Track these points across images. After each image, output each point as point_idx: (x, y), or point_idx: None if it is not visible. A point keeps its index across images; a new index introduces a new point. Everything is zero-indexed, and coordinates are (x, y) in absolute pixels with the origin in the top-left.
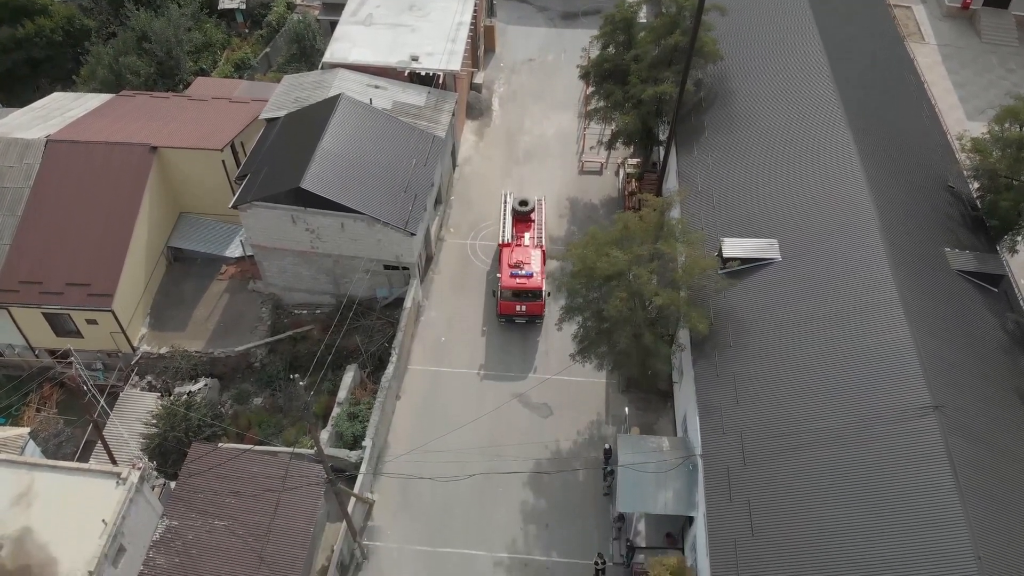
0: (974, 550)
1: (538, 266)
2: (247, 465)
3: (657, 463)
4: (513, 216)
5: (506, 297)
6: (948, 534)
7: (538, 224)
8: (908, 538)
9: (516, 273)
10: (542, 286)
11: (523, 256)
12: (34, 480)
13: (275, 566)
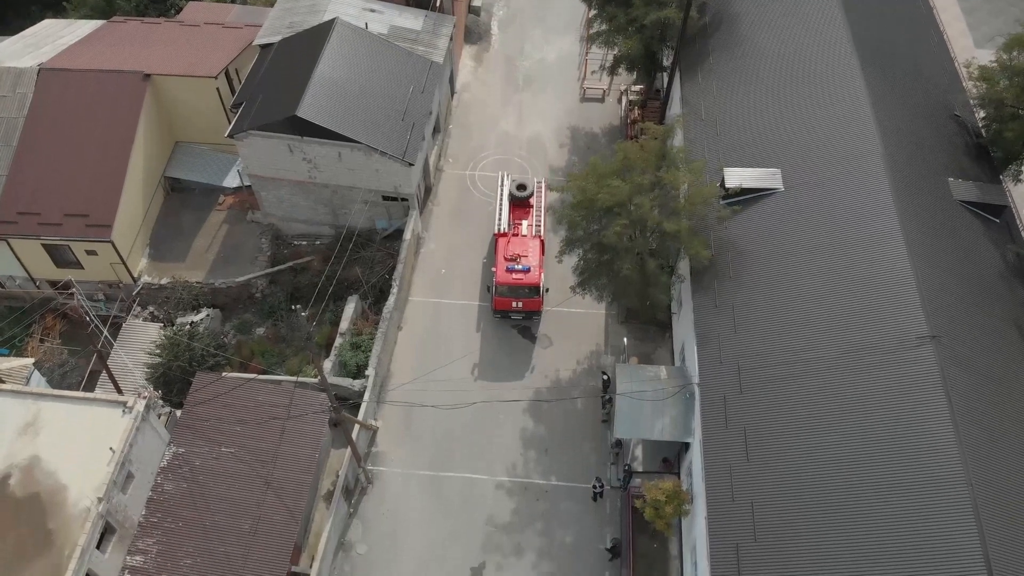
0: (966, 477)
1: (536, 259)
2: (252, 394)
3: (655, 391)
4: (510, 202)
5: (501, 293)
6: (941, 461)
7: (537, 210)
8: (901, 465)
9: (512, 268)
10: (540, 282)
11: (520, 248)
12: (40, 410)
13: (282, 491)
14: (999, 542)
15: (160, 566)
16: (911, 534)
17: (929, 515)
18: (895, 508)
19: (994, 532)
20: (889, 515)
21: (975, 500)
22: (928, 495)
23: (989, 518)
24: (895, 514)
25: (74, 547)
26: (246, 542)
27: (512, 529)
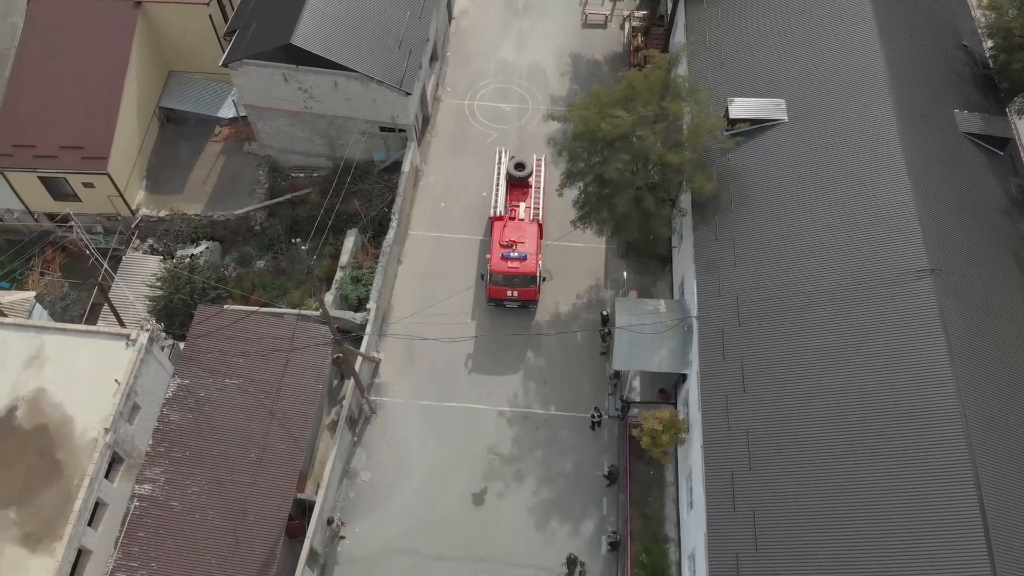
0: (960, 408)
1: (533, 246)
2: (254, 326)
3: (653, 324)
4: (507, 182)
5: (496, 282)
6: (936, 393)
7: (536, 190)
8: (896, 396)
9: (508, 255)
10: (536, 270)
11: (517, 234)
12: (44, 343)
13: (287, 421)
14: (990, 470)
15: (169, 494)
16: (904, 461)
17: (923, 445)
18: (889, 437)
19: (985, 461)
20: (883, 443)
21: (968, 431)
22: (922, 425)
23: (981, 447)
24: (889, 442)
25: (83, 476)
26: (252, 470)
27: (512, 457)
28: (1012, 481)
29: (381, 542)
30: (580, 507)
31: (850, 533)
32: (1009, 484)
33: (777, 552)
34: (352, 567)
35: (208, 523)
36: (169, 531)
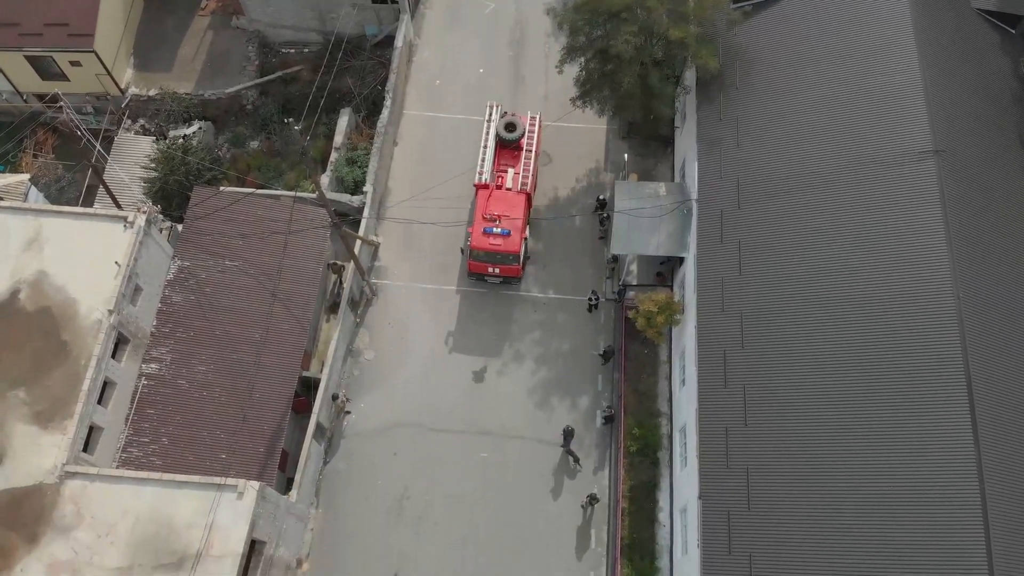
0: (954, 290)
1: (518, 221)
2: (251, 209)
3: (653, 208)
4: (496, 144)
5: (477, 258)
6: (931, 274)
7: (527, 153)
8: (891, 274)
9: (490, 231)
10: (520, 249)
11: (502, 206)
12: (42, 226)
13: (289, 303)
14: (979, 350)
15: (176, 373)
16: (895, 339)
17: (915, 326)
18: (881, 317)
19: (975, 340)
20: (875, 323)
21: (960, 313)
22: (916, 305)
23: (972, 327)
24: (881, 323)
25: (89, 357)
26: (257, 350)
27: (512, 338)
28: (1001, 361)
29: (385, 417)
30: (576, 384)
31: (837, 404)
32: (999, 362)
33: (765, 425)
34: (357, 441)
35: (216, 400)
36: (178, 408)
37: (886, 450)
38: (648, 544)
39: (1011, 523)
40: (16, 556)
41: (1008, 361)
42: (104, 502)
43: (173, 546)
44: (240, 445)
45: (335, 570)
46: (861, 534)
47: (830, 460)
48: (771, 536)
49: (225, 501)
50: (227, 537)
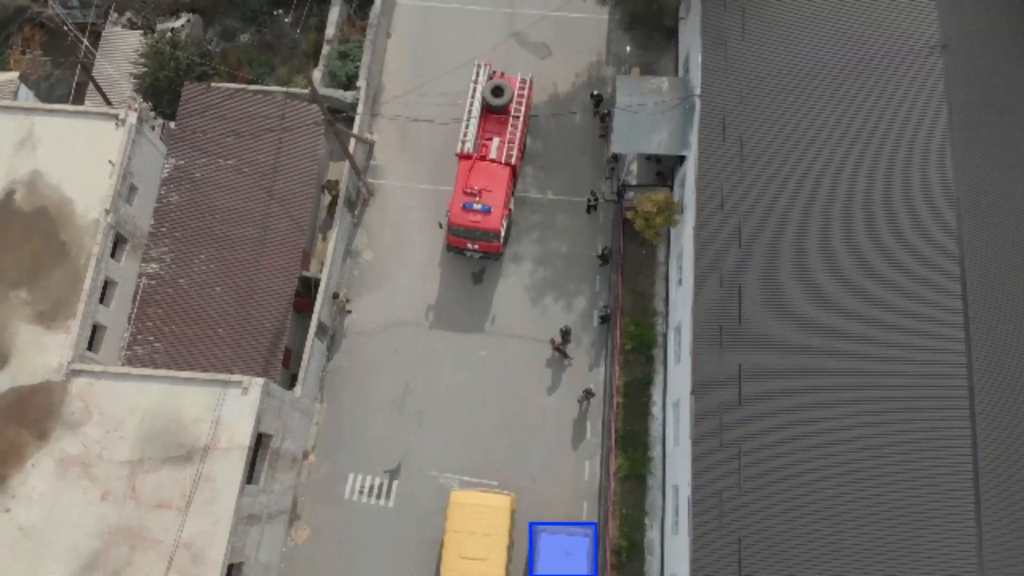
0: (956, 192)
1: (500, 197)
2: (243, 106)
3: (655, 104)
4: (482, 110)
5: (455, 232)
6: (932, 177)
7: (515, 120)
8: (894, 173)
9: (470, 206)
10: (500, 226)
11: (483, 180)
12: (34, 125)
13: (285, 202)
14: (973, 243)
15: (176, 272)
16: (897, 239)
17: (916, 223)
18: (885, 217)
19: (969, 228)
20: (879, 223)
21: (959, 212)
22: (915, 204)
23: (968, 218)
24: (885, 223)
25: (89, 257)
26: (256, 250)
27: (510, 239)
28: (993, 250)
29: (385, 316)
30: (574, 285)
31: (837, 302)
32: (989, 246)
33: (760, 323)
34: (358, 339)
35: (217, 299)
36: (180, 307)
37: (883, 354)
38: (641, 436)
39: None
40: (27, 452)
41: (1006, 260)
42: (111, 399)
43: (181, 440)
44: (243, 343)
45: (340, 461)
46: (853, 430)
47: (826, 359)
48: (760, 431)
49: (231, 397)
50: (234, 431)
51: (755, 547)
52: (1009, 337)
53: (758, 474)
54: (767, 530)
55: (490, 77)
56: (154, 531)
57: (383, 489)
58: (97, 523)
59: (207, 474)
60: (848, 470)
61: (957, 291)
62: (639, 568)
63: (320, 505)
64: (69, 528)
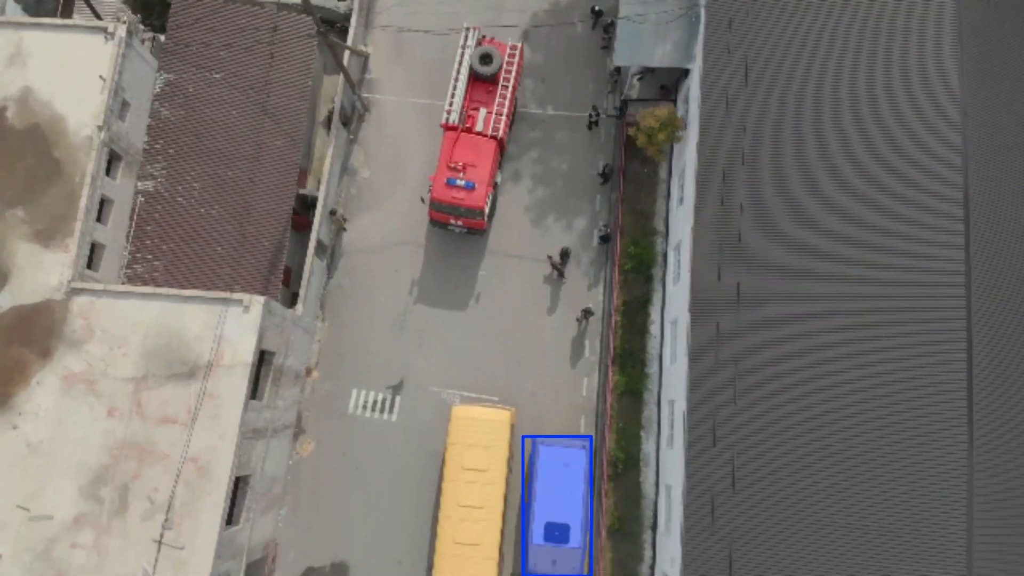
0: (962, 117)
1: (486, 173)
2: (234, 17)
3: (658, 14)
4: (469, 78)
5: (438, 208)
6: (938, 92)
7: (504, 90)
8: (900, 93)
9: (453, 182)
10: (484, 204)
11: (468, 155)
12: (22, 40)
13: (279, 118)
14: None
15: (172, 190)
16: (899, 155)
17: (917, 141)
18: (889, 133)
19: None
20: (883, 140)
21: (965, 134)
22: (920, 120)
23: (974, 135)
24: (888, 139)
25: (84, 174)
26: (251, 167)
27: (509, 157)
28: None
29: (384, 236)
30: (574, 204)
31: (838, 218)
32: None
33: (761, 243)
34: (357, 257)
35: (214, 217)
36: (177, 225)
37: (884, 275)
38: (639, 353)
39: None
40: (31, 370)
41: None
42: (113, 317)
43: (184, 357)
44: (243, 261)
45: (343, 377)
46: (851, 345)
47: (829, 280)
48: (757, 349)
49: (232, 315)
50: (236, 348)
51: (749, 457)
52: (1014, 258)
53: (753, 390)
54: (761, 443)
55: (479, 43)
56: (161, 446)
57: (386, 404)
58: (104, 438)
59: (211, 390)
60: (842, 381)
61: (959, 215)
62: (634, 479)
63: (324, 420)
64: (77, 444)
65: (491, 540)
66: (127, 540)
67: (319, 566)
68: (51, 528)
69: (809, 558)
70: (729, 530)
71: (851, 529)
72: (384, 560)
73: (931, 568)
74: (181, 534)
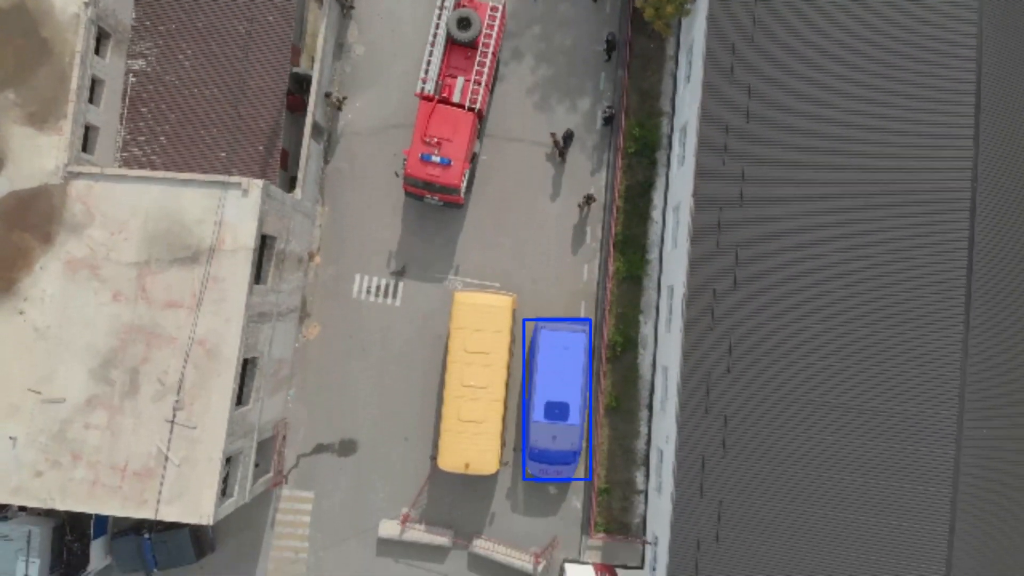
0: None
1: (461, 148)
2: None
3: None
4: (446, 43)
5: (412, 184)
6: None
7: (483, 55)
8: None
9: (428, 158)
10: (460, 181)
11: (444, 128)
12: None
13: None
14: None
15: (163, 69)
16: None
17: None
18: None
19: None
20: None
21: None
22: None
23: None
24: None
25: (73, 53)
26: (244, 44)
27: (510, 34)
28: None
29: (382, 117)
30: (577, 83)
31: (841, 103)
32: None
33: (768, 123)
34: (356, 140)
35: (208, 97)
36: (171, 106)
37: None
38: (640, 239)
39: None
40: (33, 255)
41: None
42: (112, 201)
43: (186, 241)
44: (239, 144)
45: (346, 262)
46: (850, 236)
47: (831, 171)
48: (759, 236)
49: (231, 198)
50: (237, 232)
51: (745, 340)
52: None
53: (753, 275)
54: (758, 323)
55: (457, 3)
56: (168, 329)
57: (390, 289)
58: (111, 322)
59: (215, 275)
60: (841, 273)
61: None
62: (632, 361)
63: (329, 304)
64: (84, 328)
65: (494, 418)
66: (140, 420)
67: (328, 443)
68: (64, 410)
69: (799, 434)
70: (723, 408)
71: (847, 409)
72: (391, 437)
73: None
74: (192, 414)
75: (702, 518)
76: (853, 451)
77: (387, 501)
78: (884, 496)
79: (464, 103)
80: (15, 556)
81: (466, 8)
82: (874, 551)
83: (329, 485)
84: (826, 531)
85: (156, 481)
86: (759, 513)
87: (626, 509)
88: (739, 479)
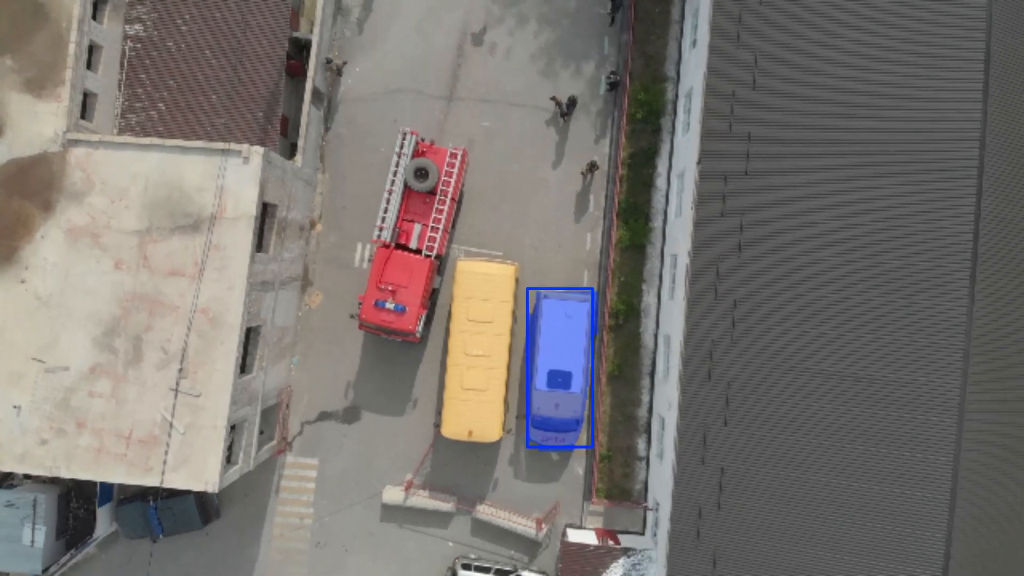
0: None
1: (417, 295)
2: None
3: None
4: (404, 190)
5: (368, 326)
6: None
7: (441, 200)
8: None
9: (382, 304)
10: (415, 326)
11: (399, 275)
12: None
13: None
14: None
15: (161, 34)
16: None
17: None
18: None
19: None
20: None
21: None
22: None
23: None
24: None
25: (69, 18)
26: (242, 7)
27: (508, 1)
28: None
29: (382, 83)
30: (581, 48)
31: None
32: None
33: (776, 89)
34: (356, 106)
35: (207, 62)
36: (169, 72)
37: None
38: (644, 207)
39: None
40: (35, 223)
41: None
42: (112, 168)
43: (187, 209)
44: (238, 110)
45: (347, 230)
46: (858, 204)
47: (839, 132)
48: (765, 203)
49: (232, 166)
50: (238, 200)
51: (748, 307)
52: None
53: (757, 242)
54: (762, 291)
55: (416, 149)
56: (170, 297)
57: None
58: (113, 290)
59: (216, 243)
60: (845, 239)
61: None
62: (635, 329)
63: (331, 272)
64: (86, 296)
65: (497, 386)
66: (144, 388)
67: (331, 410)
68: (68, 378)
69: (801, 402)
70: (725, 376)
71: (850, 377)
72: (394, 404)
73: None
74: (196, 382)
75: (704, 486)
76: (855, 419)
77: (391, 467)
78: (886, 464)
79: (422, 246)
80: (21, 523)
81: (424, 159)
82: (876, 519)
83: (333, 452)
84: (827, 499)
85: (161, 449)
86: (761, 481)
87: (627, 475)
88: (741, 447)
